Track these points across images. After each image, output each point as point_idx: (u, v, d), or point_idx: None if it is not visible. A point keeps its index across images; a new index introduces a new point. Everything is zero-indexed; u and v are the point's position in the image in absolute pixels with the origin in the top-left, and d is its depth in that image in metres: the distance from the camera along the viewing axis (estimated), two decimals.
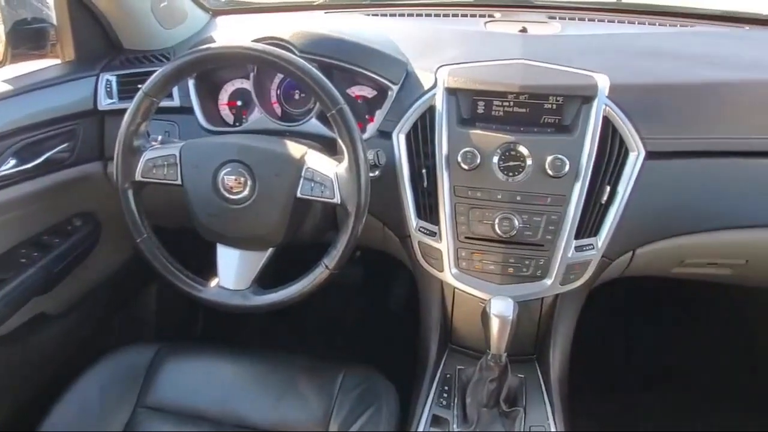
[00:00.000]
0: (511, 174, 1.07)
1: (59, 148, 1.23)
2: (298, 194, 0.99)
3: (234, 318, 1.80)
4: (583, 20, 1.41)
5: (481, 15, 1.42)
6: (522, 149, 1.07)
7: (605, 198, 1.06)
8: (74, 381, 1.15)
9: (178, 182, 1.02)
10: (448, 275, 1.11)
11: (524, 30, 1.30)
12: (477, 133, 1.08)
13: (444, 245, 1.10)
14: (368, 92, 1.23)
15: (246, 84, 1.27)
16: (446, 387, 1.16)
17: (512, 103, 1.09)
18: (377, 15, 1.48)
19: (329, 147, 1.10)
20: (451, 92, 1.10)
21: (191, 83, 1.23)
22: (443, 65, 1.14)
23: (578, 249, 1.07)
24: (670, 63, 1.18)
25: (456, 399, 1.13)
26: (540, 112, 1.09)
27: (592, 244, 1.07)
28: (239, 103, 1.29)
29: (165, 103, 1.15)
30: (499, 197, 1.07)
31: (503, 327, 0.98)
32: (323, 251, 1.01)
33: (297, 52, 1.12)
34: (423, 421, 1.10)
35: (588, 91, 1.07)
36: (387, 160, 1.11)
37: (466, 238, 1.09)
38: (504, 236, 1.06)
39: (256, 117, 1.23)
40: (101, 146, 1.32)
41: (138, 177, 1.03)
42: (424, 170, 1.10)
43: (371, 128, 1.16)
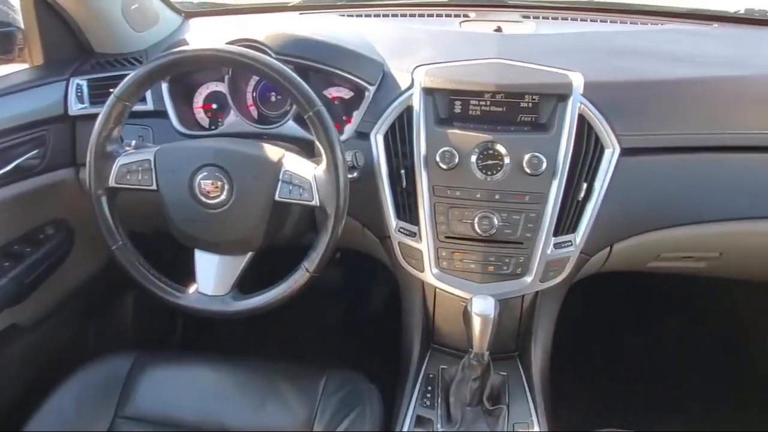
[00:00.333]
0: (490, 173, 1.08)
1: (29, 155, 1.20)
2: (277, 197, 0.98)
3: (214, 325, 1.78)
4: (557, 19, 1.42)
5: (456, 15, 1.43)
6: (500, 148, 1.07)
7: (582, 195, 1.07)
8: (50, 393, 1.12)
9: (154, 188, 1.01)
10: (429, 275, 1.12)
11: (499, 29, 1.30)
12: (455, 133, 1.09)
13: (424, 245, 1.10)
14: (345, 93, 1.23)
15: (221, 87, 1.25)
16: (429, 387, 1.16)
17: (489, 102, 1.10)
18: (352, 16, 1.47)
19: (307, 149, 1.09)
20: (428, 92, 1.10)
21: (165, 86, 1.22)
22: (420, 65, 1.14)
23: (557, 246, 1.08)
24: (643, 60, 1.20)
25: (439, 399, 1.13)
26: (516, 111, 1.10)
27: (571, 241, 1.09)
28: (215, 106, 1.28)
29: (138, 107, 1.13)
30: (478, 196, 1.08)
31: (485, 325, 0.99)
32: (303, 254, 1.01)
33: (272, 54, 1.11)
34: (407, 422, 1.10)
35: (563, 90, 1.08)
36: (365, 161, 1.10)
37: (446, 238, 1.09)
38: (483, 235, 1.07)
39: (232, 120, 1.22)
40: (73, 152, 1.29)
41: (112, 183, 1.01)
42: (403, 170, 1.10)
43: (349, 129, 1.16)
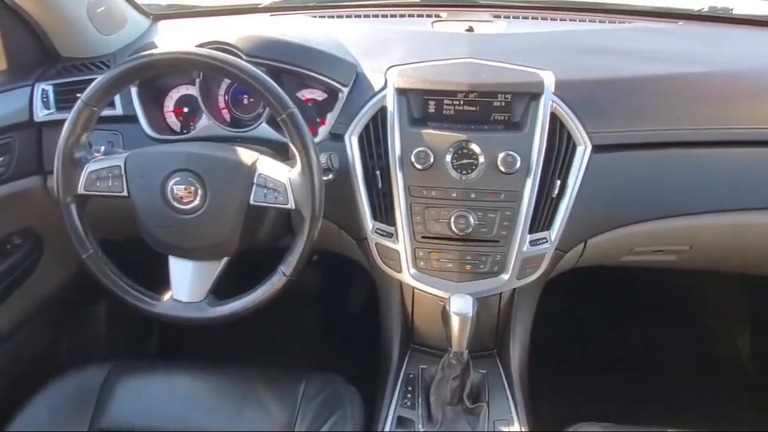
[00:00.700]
0: (465, 172, 1.08)
1: None
2: (251, 201, 0.97)
3: (190, 332, 1.76)
4: (527, 18, 1.44)
5: (428, 15, 1.43)
6: (474, 147, 1.08)
7: (556, 192, 1.08)
8: (21, 407, 1.09)
9: (125, 194, 0.99)
10: (407, 275, 1.12)
11: (471, 29, 1.31)
12: (429, 133, 1.09)
13: (401, 246, 1.10)
14: (318, 95, 1.22)
15: (192, 90, 1.23)
16: (410, 387, 1.17)
17: (462, 102, 1.10)
18: (324, 17, 1.46)
19: (281, 152, 1.09)
20: (402, 92, 1.10)
21: (134, 91, 1.19)
22: (393, 66, 1.14)
23: (533, 243, 1.09)
24: (612, 59, 1.22)
25: (420, 399, 1.13)
26: (490, 110, 1.10)
27: (546, 238, 1.10)
28: (186, 110, 1.26)
29: (107, 112, 1.11)
30: (454, 195, 1.08)
31: (463, 324, 0.99)
32: (279, 258, 1.00)
33: (244, 57, 1.10)
34: (388, 423, 1.10)
35: (535, 88, 1.09)
36: (340, 163, 1.10)
37: (423, 238, 1.09)
38: (460, 234, 1.07)
39: (205, 124, 1.20)
40: (39, 159, 1.26)
41: (81, 190, 0.99)
42: (378, 171, 1.10)
43: (323, 131, 1.15)
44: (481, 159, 1.08)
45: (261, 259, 1.07)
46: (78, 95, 0.97)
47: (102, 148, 1.04)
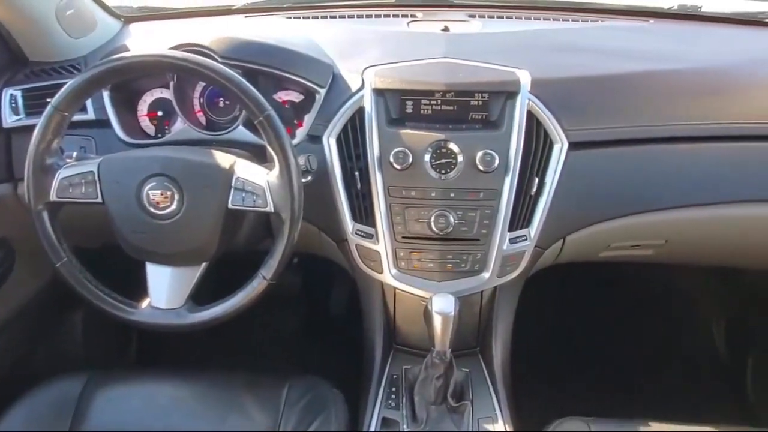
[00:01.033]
0: (444, 171, 1.08)
1: None
2: (230, 205, 0.96)
3: (170, 340, 1.73)
4: (501, 18, 1.45)
5: (404, 15, 1.43)
6: (452, 146, 1.08)
7: (534, 189, 1.09)
8: None
9: (99, 200, 0.97)
10: (388, 276, 1.12)
11: (446, 29, 1.31)
12: (407, 133, 1.09)
13: (382, 246, 1.10)
14: (295, 97, 1.21)
15: (166, 93, 1.22)
16: (394, 388, 1.16)
17: (440, 101, 1.11)
18: (299, 18, 1.45)
19: (258, 155, 1.07)
20: (379, 93, 1.10)
21: (106, 95, 1.17)
22: (370, 66, 1.14)
23: (512, 241, 1.10)
24: (586, 57, 1.24)
25: (404, 399, 1.13)
26: (467, 109, 1.11)
27: (525, 235, 1.11)
28: (160, 114, 1.24)
29: (78, 117, 1.08)
30: (433, 195, 1.08)
31: (446, 323, 0.99)
32: (259, 261, 0.99)
33: (218, 59, 1.09)
34: (373, 425, 1.10)
35: (511, 87, 1.09)
36: (319, 165, 1.09)
37: (404, 238, 1.09)
38: (440, 233, 1.08)
39: (180, 127, 1.19)
40: (9, 166, 1.23)
41: (53, 197, 0.97)
42: (357, 172, 1.10)
43: (301, 133, 1.15)
44: (460, 158, 1.08)
45: (241, 264, 1.06)
46: (48, 100, 0.95)
47: (74, 154, 1.02)
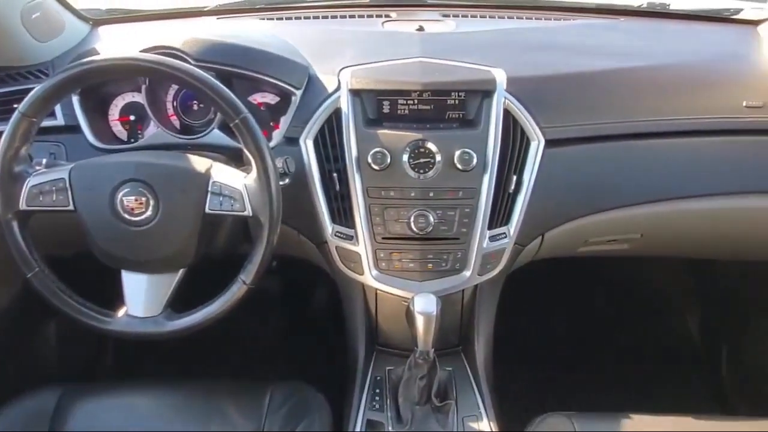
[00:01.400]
0: (422, 171, 1.08)
1: None
2: (207, 210, 0.95)
3: (147, 349, 1.69)
4: (475, 17, 1.46)
5: (378, 15, 1.43)
6: (430, 146, 1.08)
7: (513, 187, 1.10)
8: None
9: (71, 208, 0.95)
10: (369, 277, 1.11)
11: (421, 29, 1.32)
12: (385, 133, 1.09)
13: (362, 248, 1.09)
14: (271, 99, 1.20)
15: (138, 97, 1.19)
16: (377, 389, 1.16)
17: (416, 101, 1.11)
18: (273, 19, 1.44)
19: (235, 158, 1.06)
20: (356, 93, 1.10)
21: (76, 99, 1.14)
22: (345, 67, 1.13)
23: (492, 239, 1.10)
24: (559, 55, 1.25)
25: (388, 400, 1.13)
26: (444, 108, 1.11)
27: (505, 233, 1.11)
28: (132, 118, 1.22)
29: (47, 123, 1.06)
30: (413, 195, 1.08)
31: (428, 323, 0.99)
32: (239, 266, 0.97)
33: (192, 61, 1.07)
34: (357, 426, 1.09)
35: (487, 86, 1.10)
36: (296, 167, 1.08)
37: (384, 239, 1.09)
38: (420, 233, 1.08)
39: (153, 131, 1.17)
40: None
41: (22, 206, 0.94)
42: (335, 174, 1.09)
43: (277, 135, 1.14)
44: (438, 157, 1.08)
45: (220, 268, 1.04)
46: (15, 106, 0.92)
47: (44, 161, 0.99)
